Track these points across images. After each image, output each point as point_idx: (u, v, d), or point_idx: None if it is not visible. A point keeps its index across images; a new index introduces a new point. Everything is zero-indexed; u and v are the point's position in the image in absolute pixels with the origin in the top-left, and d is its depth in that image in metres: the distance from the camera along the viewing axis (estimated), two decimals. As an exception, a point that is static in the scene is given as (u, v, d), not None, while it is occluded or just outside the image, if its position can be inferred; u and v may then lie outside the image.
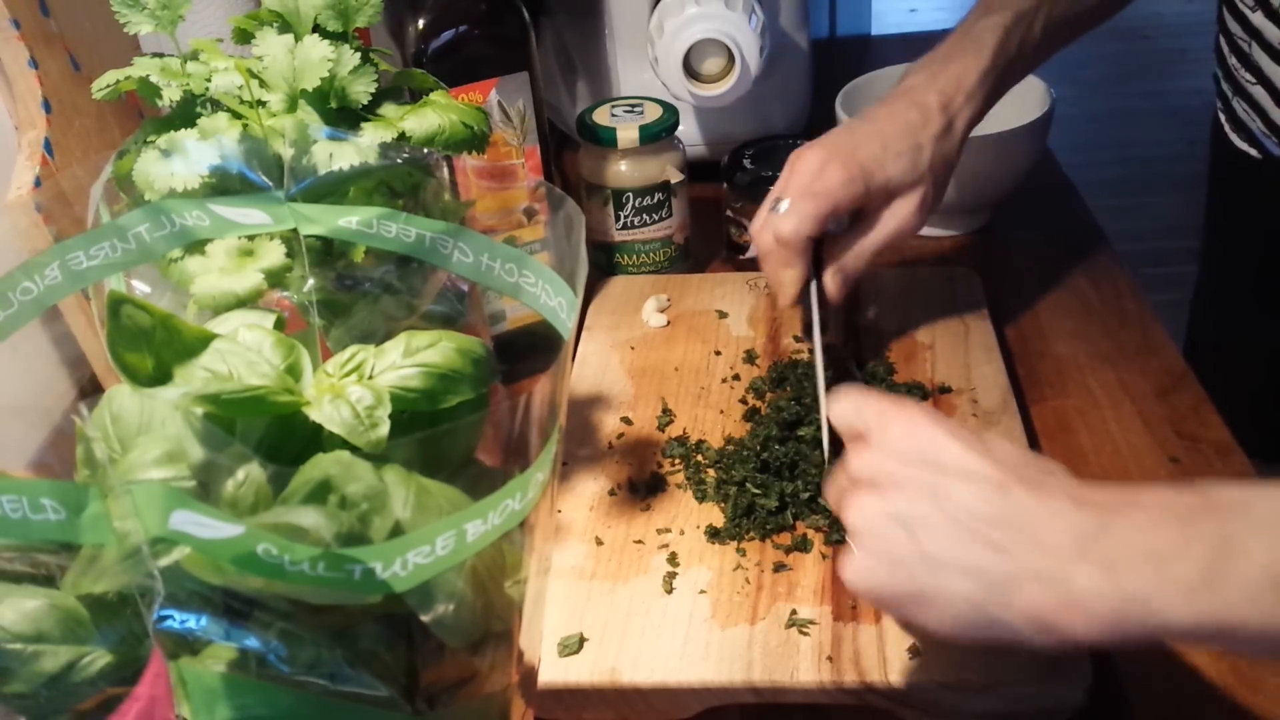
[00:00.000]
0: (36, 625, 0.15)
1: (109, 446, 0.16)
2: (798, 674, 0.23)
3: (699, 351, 0.35)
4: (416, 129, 0.22)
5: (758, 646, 0.24)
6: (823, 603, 0.25)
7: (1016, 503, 0.18)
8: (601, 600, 0.26)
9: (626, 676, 0.24)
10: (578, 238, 0.18)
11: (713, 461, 0.30)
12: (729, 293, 0.38)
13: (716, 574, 0.26)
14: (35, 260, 0.19)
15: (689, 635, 0.25)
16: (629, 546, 0.28)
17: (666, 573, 0.27)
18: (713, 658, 0.24)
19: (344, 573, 0.14)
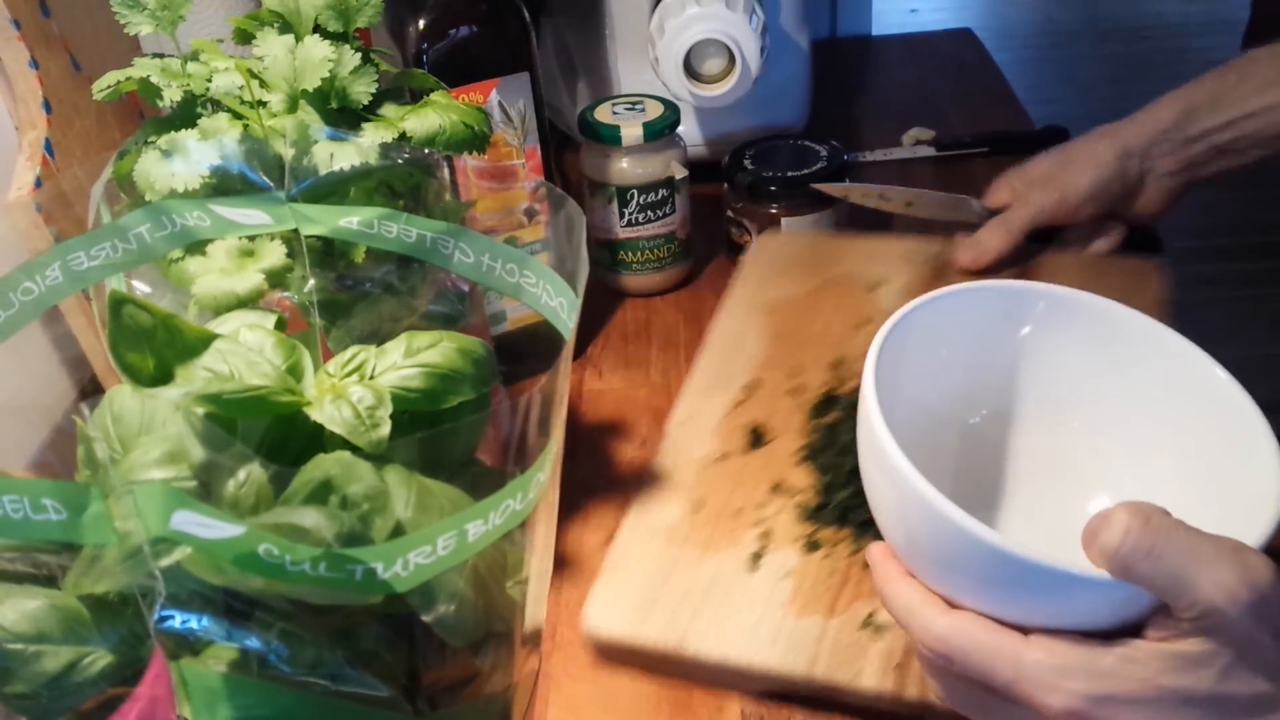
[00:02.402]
0: (38, 625, 0.15)
1: (110, 447, 0.16)
2: (860, 678, 0.22)
3: (841, 322, 0.32)
4: (417, 129, 0.22)
5: (828, 642, 0.23)
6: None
7: None
8: (687, 568, 0.25)
9: (692, 647, 0.23)
10: (578, 238, 0.18)
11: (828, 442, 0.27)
12: (894, 257, 0.35)
13: (804, 559, 0.25)
14: (36, 260, 0.19)
15: (763, 618, 0.24)
16: (726, 516, 0.27)
17: (755, 551, 0.25)
18: (780, 645, 0.23)
19: (345, 573, 0.14)
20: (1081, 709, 0.16)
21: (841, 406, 0.29)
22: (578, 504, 0.30)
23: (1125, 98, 0.36)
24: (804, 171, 0.38)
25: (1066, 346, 0.22)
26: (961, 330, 0.22)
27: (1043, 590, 0.17)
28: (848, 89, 0.55)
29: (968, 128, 0.47)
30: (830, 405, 0.29)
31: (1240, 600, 0.16)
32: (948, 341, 0.22)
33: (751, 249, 0.37)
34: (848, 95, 0.54)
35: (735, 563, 0.25)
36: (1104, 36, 1.48)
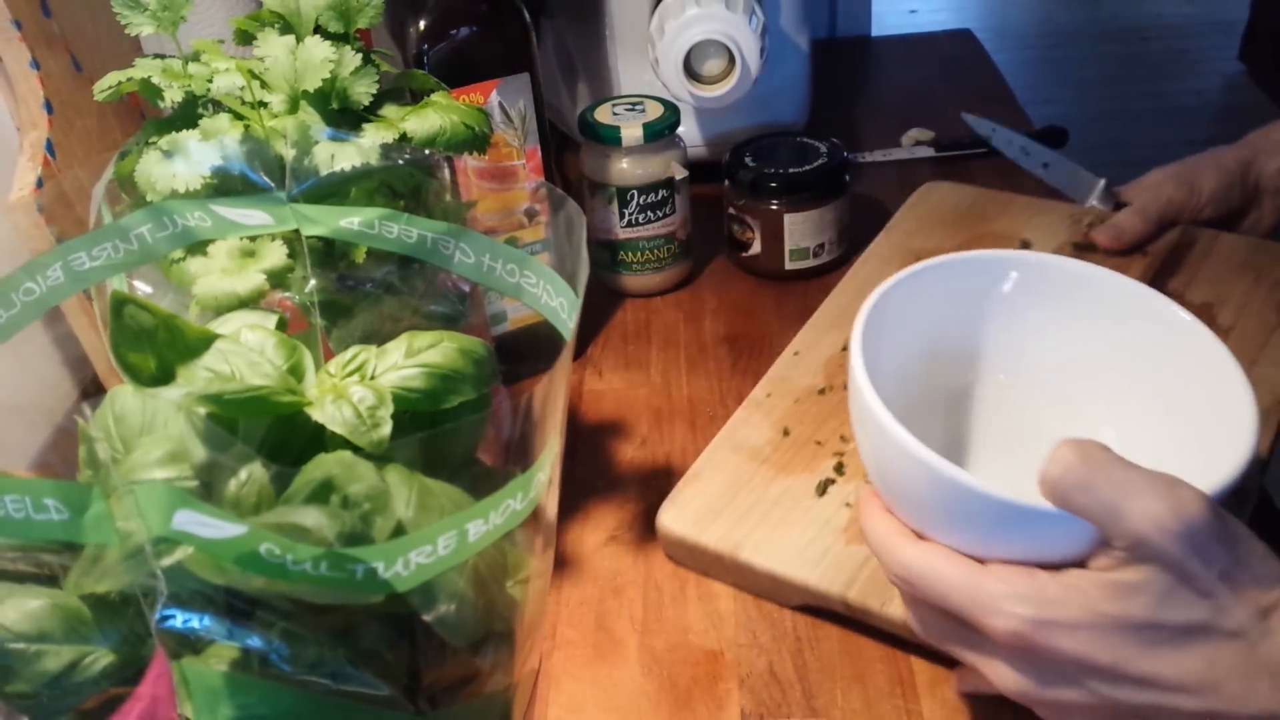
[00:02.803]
0: (39, 625, 0.15)
1: (112, 446, 0.16)
2: (889, 606, 0.24)
3: None
4: (418, 130, 0.22)
5: (868, 570, 0.25)
6: None
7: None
8: (759, 485, 0.27)
9: (745, 555, 0.26)
10: (579, 238, 0.18)
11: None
12: (1045, 223, 0.35)
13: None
14: (37, 261, 0.19)
15: (815, 539, 0.26)
16: (809, 445, 0.28)
17: (826, 479, 0.27)
18: (825, 565, 0.25)
19: (346, 572, 0.14)
20: (1025, 631, 0.17)
21: None
22: (578, 504, 0.30)
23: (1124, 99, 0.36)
24: (805, 168, 0.38)
25: (1043, 308, 0.23)
26: (942, 300, 0.23)
27: (995, 521, 0.18)
28: (847, 90, 0.55)
29: (967, 129, 0.48)
30: None
31: (1170, 530, 0.16)
32: (929, 311, 0.23)
33: (911, 198, 0.37)
34: (847, 96, 0.54)
35: (804, 487, 0.27)
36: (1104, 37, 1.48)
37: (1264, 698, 0.16)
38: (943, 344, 0.24)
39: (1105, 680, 0.17)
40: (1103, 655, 0.17)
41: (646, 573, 0.28)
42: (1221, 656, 0.17)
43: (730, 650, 0.26)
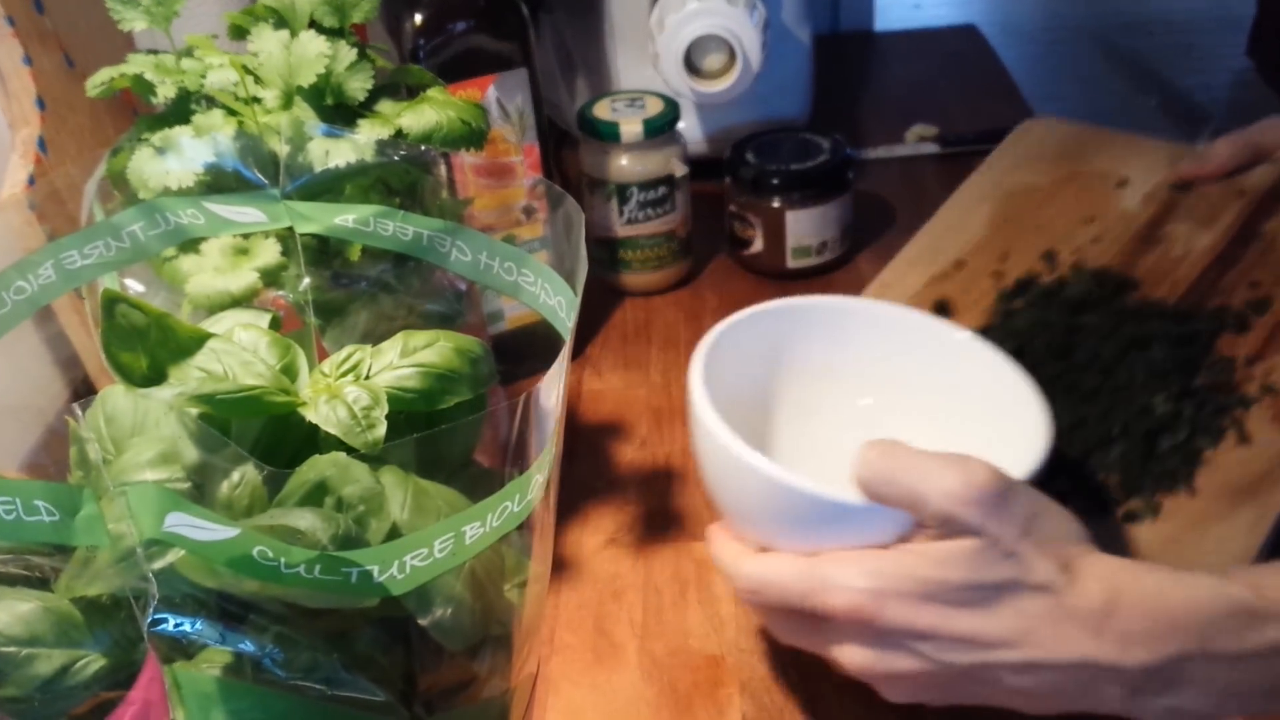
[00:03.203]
0: (30, 628, 0.15)
1: (103, 447, 0.16)
2: None
3: (1070, 215, 0.31)
4: (414, 126, 0.22)
5: None
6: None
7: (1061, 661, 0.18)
8: None
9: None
10: (577, 236, 0.18)
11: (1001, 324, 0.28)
12: (1144, 162, 0.33)
13: None
14: (29, 259, 0.19)
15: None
16: None
17: None
18: None
19: (341, 576, 0.14)
20: (861, 603, 0.19)
21: (1033, 293, 0.29)
22: (576, 505, 0.30)
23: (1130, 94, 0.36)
24: (808, 165, 0.37)
25: (856, 341, 0.26)
26: (767, 341, 0.26)
27: (822, 518, 0.20)
28: (850, 85, 0.54)
29: (971, 124, 0.47)
30: (1022, 291, 0.29)
31: (966, 500, 0.18)
32: (758, 354, 0.26)
33: (1011, 135, 0.36)
34: (850, 92, 0.53)
35: None
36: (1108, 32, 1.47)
37: (1076, 643, 0.18)
38: (774, 379, 0.26)
39: (934, 643, 0.19)
40: (929, 619, 0.18)
41: (646, 576, 0.28)
42: (1032, 609, 0.18)
43: (731, 655, 0.25)
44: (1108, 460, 0.25)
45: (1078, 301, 0.29)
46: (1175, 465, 0.25)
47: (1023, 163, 0.35)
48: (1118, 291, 0.29)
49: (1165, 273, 0.29)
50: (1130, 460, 0.25)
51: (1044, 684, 0.18)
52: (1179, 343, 0.27)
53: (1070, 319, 0.28)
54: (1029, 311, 0.29)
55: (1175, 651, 0.18)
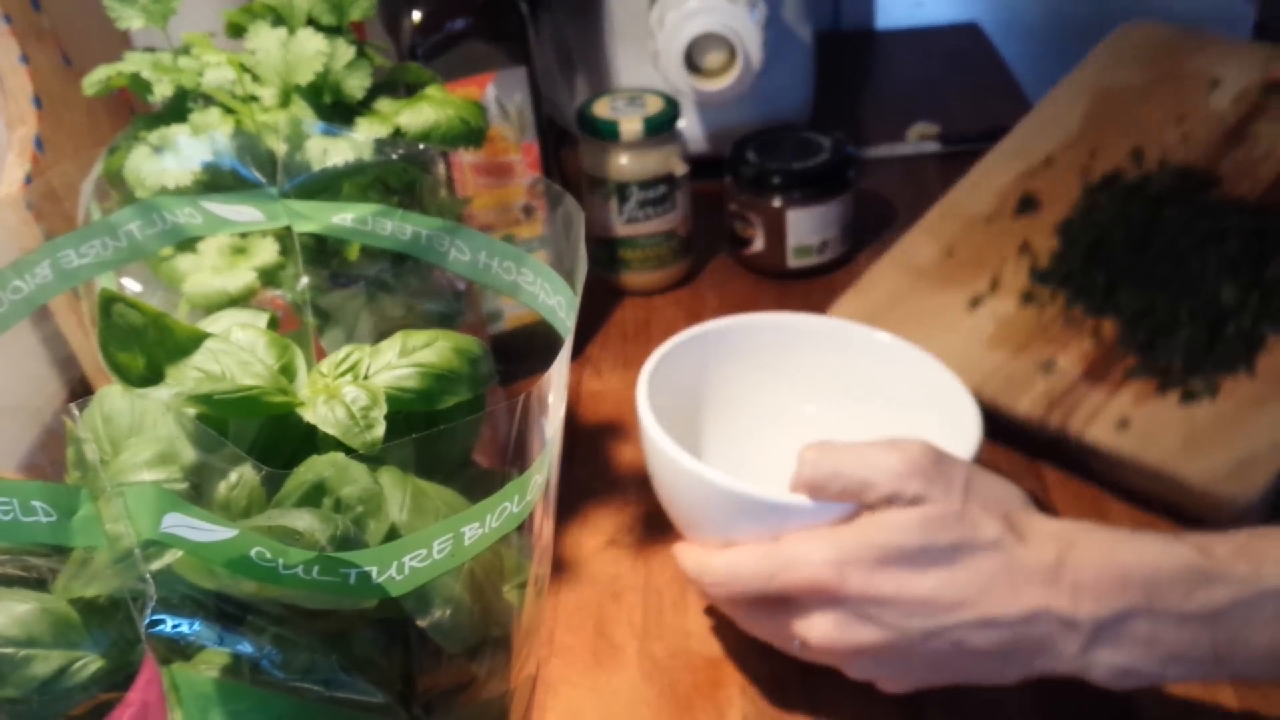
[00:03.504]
0: (28, 629, 0.15)
1: (100, 448, 0.16)
2: (1017, 403, 0.27)
3: (1162, 114, 0.33)
4: (412, 124, 0.22)
5: (1004, 373, 0.28)
6: (1083, 363, 0.27)
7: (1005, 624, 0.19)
8: (918, 297, 0.30)
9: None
10: (577, 235, 0.18)
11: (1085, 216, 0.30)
12: (1237, 63, 0.34)
13: (1017, 309, 0.29)
14: (26, 258, 0.19)
15: (959, 344, 0.28)
16: (969, 265, 0.31)
17: (979, 294, 0.30)
18: (963, 366, 0.26)
19: (339, 577, 0.14)
20: (821, 575, 0.20)
21: (1117, 189, 0.31)
22: (576, 506, 0.30)
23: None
24: (809, 163, 0.37)
25: (797, 354, 0.28)
26: (712, 359, 0.28)
27: (767, 519, 0.22)
28: (851, 84, 0.54)
29: (973, 123, 0.47)
30: (1108, 185, 0.31)
31: (909, 475, 0.20)
32: (704, 371, 0.28)
33: (1109, 36, 0.37)
34: (851, 90, 0.53)
35: (959, 301, 0.30)
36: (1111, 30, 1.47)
37: (1030, 596, 0.19)
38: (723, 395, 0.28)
39: (895, 609, 0.19)
40: (888, 584, 0.19)
41: (646, 577, 0.28)
42: (985, 566, 0.19)
43: (732, 656, 0.25)
44: (1171, 344, 0.27)
45: (1159, 197, 0.30)
46: (1237, 349, 0.26)
47: (1119, 63, 0.35)
48: (1199, 188, 0.30)
49: (1247, 171, 0.30)
50: (1194, 344, 0.26)
51: (1003, 640, 0.19)
52: (1254, 236, 0.28)
53: (1151, 213, 0.30)
54: (1112, 206, 0.30)
55: (1123, 606, 0.18)
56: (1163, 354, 0.27)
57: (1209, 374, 0.26)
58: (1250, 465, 0.24)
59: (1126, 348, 0.27)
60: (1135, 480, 0.26)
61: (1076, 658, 0.19)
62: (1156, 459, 0.25)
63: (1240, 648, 0.18)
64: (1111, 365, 0.26)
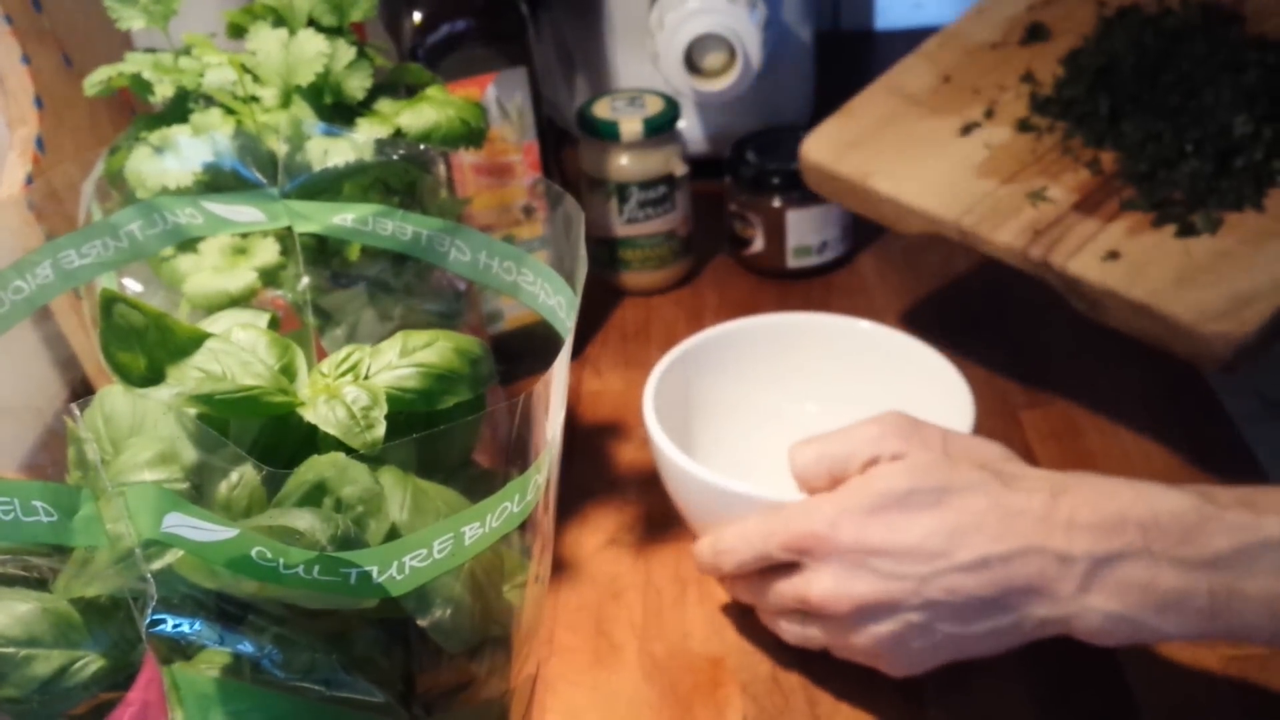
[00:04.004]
0: (28, 629, 0.15)
1: (101, 448, 0.16)
2: (998, 231, 0.25)
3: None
4: (413, 125, 0.22)
5: (989, 201, 0.26)
6: (1076, 193, 0.25)
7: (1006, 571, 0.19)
8: (908, 123, 0.28)
9: (873, 181, 0.27)
10: (577, 235, 0.18)
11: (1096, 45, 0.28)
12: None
13: (1012, 137, 0.27)
14: (27, 259, 0.19)
15: (947, 172, 0.26)
16: (966, 91, 0.29)
17: (972, 121, 0.28)
18: (946, 194, 0.26)
19: (340, 576, 0.14)
20: (817, 528, 0.21)
21: (1134, 19, 0.29)
22: (576, 506, 0.30)
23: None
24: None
25: (797, 354, 0.28)
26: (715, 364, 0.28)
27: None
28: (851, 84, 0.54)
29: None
30: (1125, 16, 0.29)
31: (885, 437, 0.21)
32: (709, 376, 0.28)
33: None
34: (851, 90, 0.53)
35: (950, 128, 0.28)
36: (1108, 31, 1.47)
37: (1024, 532, 0.19)
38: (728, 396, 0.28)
39: (889, 559, 0.20)
40: (881, 532, 0.20)
41: (646, 576, 0.28)
42: (973, 505, 0.20)
43: (732, 655, 0.25)
44: (1175, 176, 0.25)
45: (1178, 30, 0.28)
46: (1246, 184, 0.24)
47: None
48: (1222, 24, 0.28)
49: (1274, 10, 0.28)
50: (1199, 176, 0.25)
51: (996, 583, 0.19)
52: (1274, 70, 0.26)
53: (1168, 44, 0.28)
54: (1126, 35, 0.28)
55: (1121, 546, 0.18)
56: (1164, 186, 0.25)
57: (1212, 209, 0.24)
58: (1247, 301, 0.22)
59: (1126, 179, 0.25)
60: (1121, 318, 0.23)
61: (1072, 599, 0.18)
62: (1144, 292, 0.23)
63: (1236, 600, 0.17)
64: (1108, 197, 0.24)
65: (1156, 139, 0.26)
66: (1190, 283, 0.23)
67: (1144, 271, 0.24)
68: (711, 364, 0.28)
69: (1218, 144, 0.25)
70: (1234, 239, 0.24)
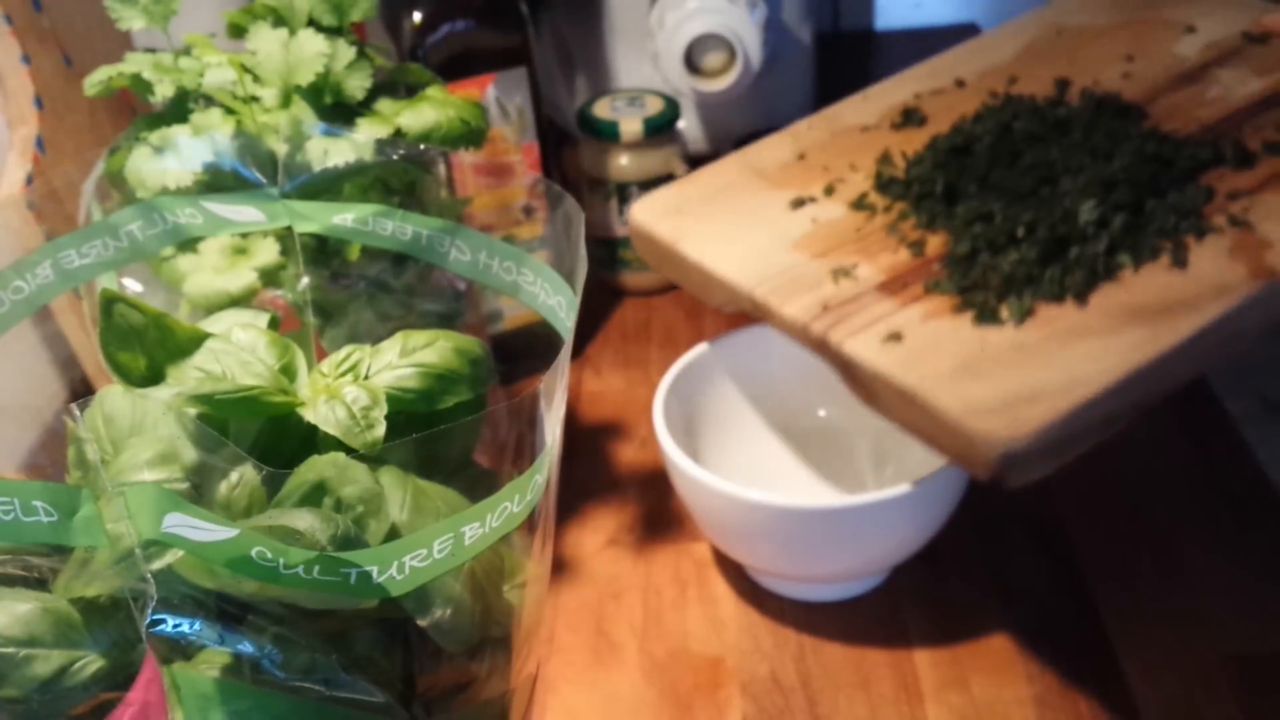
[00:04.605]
0: (28, 629, 0.15)
1: (101, 448, 0.16)
2: (786, 306, 0.22)
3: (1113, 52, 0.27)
4: (413, 125, 0.22)
5: (790, 274, 0.23)
6: (886, 273, 0.22)
7: None
8: (744, 194, 0.26)
9: (683, 246, 0.25)
10: (577, 235, 0.18)
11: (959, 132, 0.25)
12: (1217, 11, 0.28)
13: (844, 214, 0.25)
14: (26, 259, 0.19)
15: (761, 244, 0.24)
16: (815, 169, 0.27)
17: (807, 196, 0.25)
18: (751, 265, 0.24)
19: (340, 576, 0.14)
20: None
21: (1015, 108, 0.25)
22: (576, 506, 0.30)
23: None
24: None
25: (806, 359, 0.25)
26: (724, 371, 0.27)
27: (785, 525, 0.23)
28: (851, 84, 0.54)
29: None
30: (1006, 109, 0.25)
31: None
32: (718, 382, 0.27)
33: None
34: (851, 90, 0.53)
35: (782, 201, 0.26)
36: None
37: None
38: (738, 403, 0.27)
39: None
40: None
41: (646, 577, 0.28)
42: None
43: (732, 656, 0.25)
44: (997, 260, 0.21)
45: (1062, 120, 0.24)
46: (1077, 275, 0.21)
47: (1089, 5, 0.30)
48: (1118, 116, 0.24)
49: (1187, 110, 0.24)
50: (1024, 262, 0.21)
51: None
52: (1151, 160, 0.23)
53: (1043, 131, 0.24)
54: (996, 120, 0.25)
55: None
56: (980, 270, 0.21)
57: (1028, 299, 0.20)
58: (1028, 400, 0.18)
59: (944, 262, 0.22)
60: (891, 407, 0.20)
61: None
62: (915, 378, 0.19)
63: None
64: (918, 280, 0.20)
65: (986, 219, 0.23)
66: (969, 373, 0.19)
67: (923, 358, 0.20)
68: (718, 371, 0.28)
69: (1056, 230, 0.22)
70: (1041, 333, 0.20)
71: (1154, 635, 0.25)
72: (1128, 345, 0.19)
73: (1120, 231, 0.22)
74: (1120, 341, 0.20)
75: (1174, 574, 0.26)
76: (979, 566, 0.27)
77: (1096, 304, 0.21)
